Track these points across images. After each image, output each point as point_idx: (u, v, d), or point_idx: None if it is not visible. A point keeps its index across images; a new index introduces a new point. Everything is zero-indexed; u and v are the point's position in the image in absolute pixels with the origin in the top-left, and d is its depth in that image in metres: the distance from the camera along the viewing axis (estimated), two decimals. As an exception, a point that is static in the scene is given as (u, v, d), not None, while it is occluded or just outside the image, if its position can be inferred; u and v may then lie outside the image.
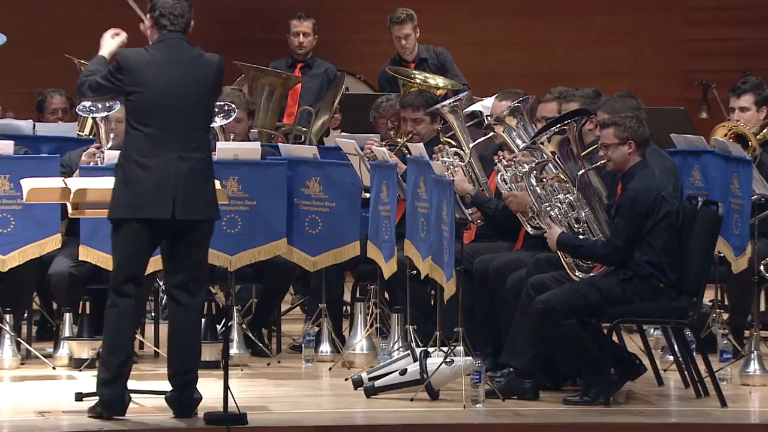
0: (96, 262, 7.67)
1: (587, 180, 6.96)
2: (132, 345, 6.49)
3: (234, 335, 7.88)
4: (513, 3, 12.36)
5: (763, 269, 7.62)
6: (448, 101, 8.11)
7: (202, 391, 6.56)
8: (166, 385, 6.52)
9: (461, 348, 6.96)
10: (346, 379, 7.35)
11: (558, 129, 6.91)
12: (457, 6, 12.21)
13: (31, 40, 11.10)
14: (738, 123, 8.01)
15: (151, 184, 6.34)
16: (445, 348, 7.03)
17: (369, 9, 11.36)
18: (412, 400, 6.90)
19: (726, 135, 7.96)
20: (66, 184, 7.00)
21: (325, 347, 8.09)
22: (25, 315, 8.15)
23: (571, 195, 6.95)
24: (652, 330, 8.12)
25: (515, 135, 7.46)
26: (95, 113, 7.95)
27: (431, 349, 7.11)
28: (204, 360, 7.66)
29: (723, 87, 9.69)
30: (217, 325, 7.87)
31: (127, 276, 6.41)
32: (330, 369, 7.86)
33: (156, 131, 6.37)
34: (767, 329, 8.26)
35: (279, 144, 8.75)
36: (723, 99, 9.15)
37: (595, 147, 7.04)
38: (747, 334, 8.00)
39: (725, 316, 8.24)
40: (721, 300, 8.60)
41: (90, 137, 8.51)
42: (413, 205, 7.59)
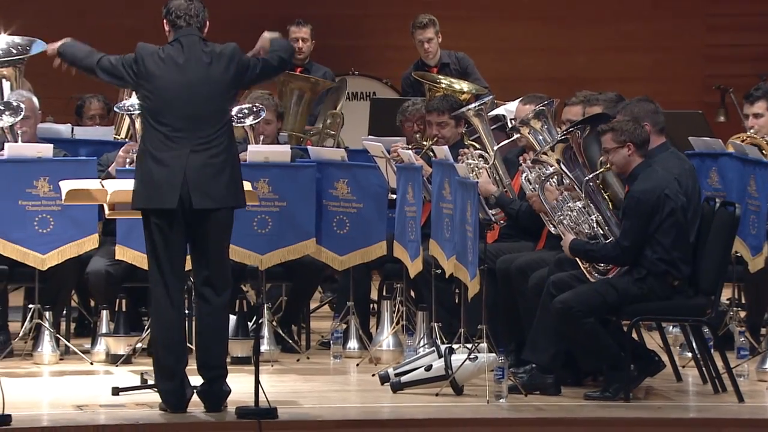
0: (132, 261, 7.70)
1: (595, 185, 6.96)
2: (181, 340, 6.44)
3: (265, 332, 7.89)
4: (536, 10, 12.34)
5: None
6: (473, 105, 8.10)
7: (233, 386, 6.57)
8: (197, 380, 6.53)
9: (485, 345, 6.95)
10: (373, 375, 7.36)
11: (562, 137, 6.94)
12: (482, 13, 12.21)
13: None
14: (752, 134, 8.00)
15: (162, 176, 6.33)
16: (469, 345, 7.02)
17: (396, 16, 11.36)
18: (437, 395, 6.90)
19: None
20: (103, 185, 7.04)
21: (353, 344, 8.10)
22: (64, 312, 8.19)
23: (581, 202, 6.96)
24: (670, 327, 8.10)
25: (540, 138, 7.46)
26: (132, 111, 7.98)
27: (456, 346, 7.11)
28: (235, 356, 7.74)
29: (741, 92, 9.66)
30: (249, 323, 7.88)
31: (161, 270, 6.39)
32: (357, 365, 7.86)
33: (170, 127, 6.37)
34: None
35: (308, 147, 8.76)
36: (740, 103, 9.11)
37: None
38: (763, 331, 7.99)
39: (742, 314, 8.22)
40: (738, 298, 8.56)
41: (126, 140, 8.55)
42: (438, 206, 7.59)
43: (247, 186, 6.93)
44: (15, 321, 8.25)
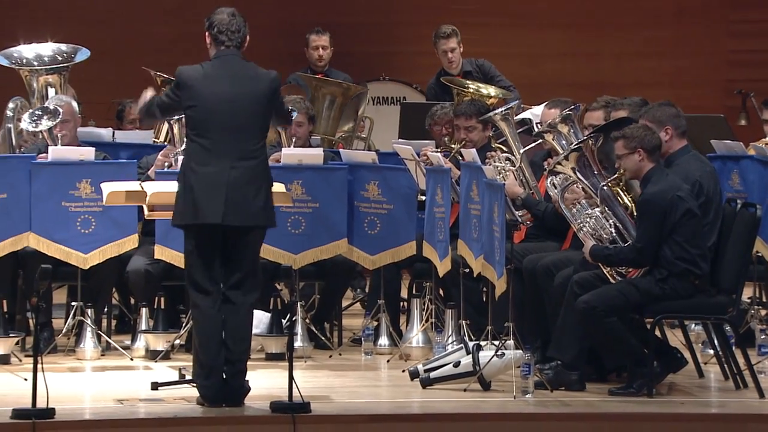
0: (170, 260, 7.72)
1: (610, 192, 6.93)
2: (219, 340, 6.46)
3: (298, 329, 7.90)
4: (562, 17, 12.31)
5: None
6: (500, 109, 8.08)
7: (268, 382, 6.59)
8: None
9: (511, 342, 6.94)
10: (403, 371, 7.35)
11: (575, 146, 6.92)
12: (509, 20, 12.18)
13: (112, 54, 11.21)
14: None
15: (204, 191, 6.38)
16: (497, 342, 7.01)
17: (425, 24, 11.35)
18: (465, 390, 6.89)
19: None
20: (142, 187, 7.06)
21: (384, 341, 8.09)
22: (105, 310, 8.22)
23: (599, 208, 6.94)
24: (693, 325, 8.05)
25: (564, 143, 7.44)
26: (170, 119, 8.00)
27: (483, 343, 7.10)
28: (270, 352, 7.76)
29: (762, 96, 9.61)
30: (283, 320, 7.89)
31: (200, 276, 6.45)
32: (388, 361, 7.86)
33: (211, 142, 6.41)
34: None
35: (340, 150, 8.77)
36: (761, 107, 9.06)
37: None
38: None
39: (763, 312, 8.18)
40: (759, 297, 8.52)
41: (165, 144, 8.58)
42: (466, 207, 7.57)
43: (281, 188, 6.95)
44: (58, 318, 8.29)
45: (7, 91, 9.02)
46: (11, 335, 7.62)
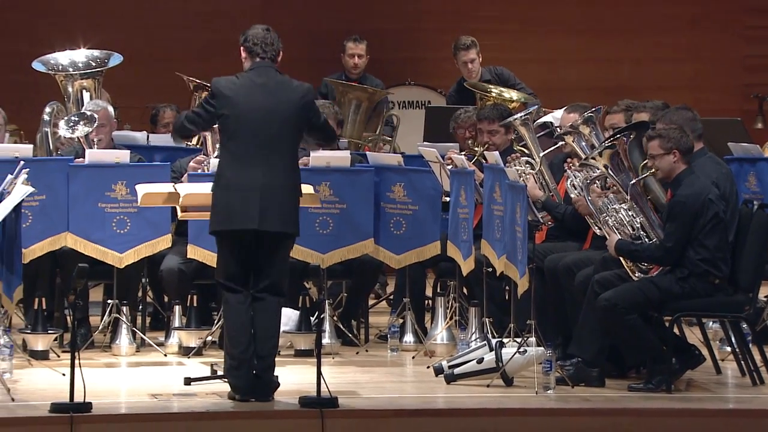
0: (202, 259, 7.74)
1: (640, 189, 6.92)
2: (248, 334, 6.49)
3: (326, 326, 7.91)
4: (582, 23, 12.28)
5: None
6: (519, 114, 8.08)
7: (297, 378, 6.61)
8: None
9: (533, 339, 6.93)
10: (427, 367, 7.35)
11: (609, 143, 6.91)
12: (529, 27, 12.17)
13: (146, 59, 11.24)
14: None
15: (239, 198, 6.40)
16: (519, 339, 7.00)
17: (449, 31, 11.36)
18: (488, 386, 6.89)
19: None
20: (176, 189, 7.08)
21: (409, 338, 8.10)
22: (140, 307, 8.25)
23: (626, 204, 6.92)
24: (710, 323, 8.02)
25: (585, 144, 7.43)
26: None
27: (506, 340, 7.09)
28: (299, 349, 7.77)
29: (778, 100, 9.59)
30: (311, 317, 7.90)
31: (232, 276, 6.49)
32: (413, 357, 7.86)
33: (244, 150, 6.44)
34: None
35: (366, 152, 8.77)
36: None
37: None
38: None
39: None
40: (776, 296, 8.48)
41: (197, 147, 8.61)
42: (489, 208, 7.57)
43: (310, 189, 6.97)
44: (95, 315, 8.32)
45: (44, 96, 9.08)
46: (50, 332, 7.66)
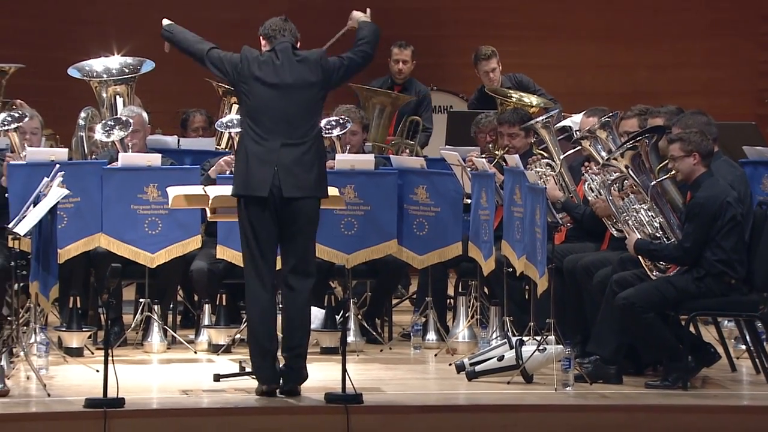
0: (231, 259, 7.76)
1: (659, 190, 6.90)
2: (271, 321, 6.49)
3: (351, 325, 7.91)
4: (600, 30, 12.25)
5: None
6: (540, 118, 8.07)
7: (323, 374, 6.60)
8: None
9: (553, 337, 6.91)
10: (449, 365, 7.34)
11: (632, 144, 6.89)
12: (548, 33, 12.15)
13: (177, 66, 11.27)
14: None
15: (256, 168, 6.41)
16: (538, 337, 6.99)
17: (471, 37, 11.36)
18: (508, 383, 6.88)
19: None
20: (205, 191, 7.10)
21: (431, 336, 8.09)
22: (171, 306, 8.28)
23: (646, 204, 6.90)
24: (725, 322, 7.99)
25: (601, 148, 7.41)
26: (231, 128, 8.08)
27: (526, 338, 7.07)
28: (324, 346, 7.77)
29: (792, 105, 9.55)
30: (336, 316, 7.91)
31: (255, 256, 6.42)
32: (435, 355, 7.85)
33: (262, 125, 6.45)
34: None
35: (390, 156, 8.78)
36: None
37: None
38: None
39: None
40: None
41: (227, 150, 8.63)
42: (510, 210, 7.56)
43: (335, 191, 6.97)
44: (128, 314, 8.35)
45: (79, 102, 9.12)
46: (84, 329, 7.69)
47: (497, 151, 8.27)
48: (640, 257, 6.88)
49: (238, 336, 7.85)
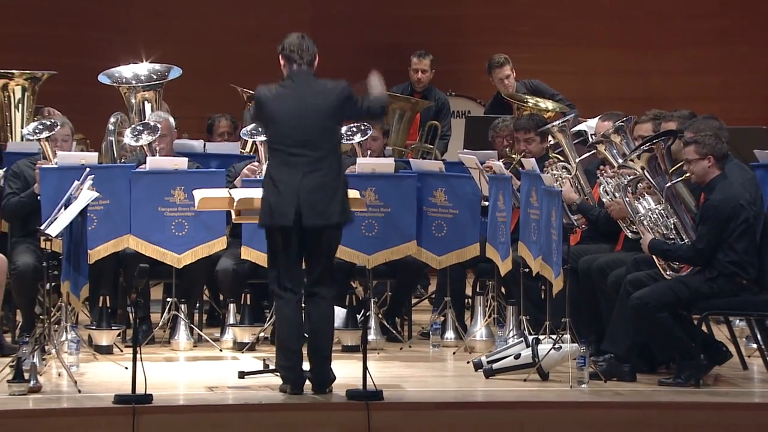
0: (255, 260, 7.77)
1: (674, 192, 6.87)
2: (297, 326, 6.51)
3: (371, 323, 7.91)
4: (614, 36, 12.23)
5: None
6: (557, 122, 8.05)
7: (344, 372, 6.60)
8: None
9: (568, 336, 6.90)
10: (467, 362, 7.34)
11: (648, 147, 6.87)
12: (563, 40, 12.14)
13: (203, 72, 11.32)
14: None
15: (280, 197, 6.44)
16: (554, 336, 6.98)
17: (488, 44, 11.36)
18: (525, 380, 6.87)
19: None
20: (231, 194, 7.11)
21: (450, 334, 8.09)
22: (197, 305, 8.29)
23: (661, 206, 6.88)
24: (737, 321, 7.95)
25: (615, 151, 7.40)
26: (255, 136, 8.11)
27: (542, 337, 7.07)
28: (346, 344, 7.78)
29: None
30: (357, 315, 7.91)
31: (281, 275, 6.50)
32: (454, 353, 7.85)
33: (285, 154, 6.47)
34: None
35: (410, 159, 8.78)
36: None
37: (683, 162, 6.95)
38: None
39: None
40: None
41: (251, 154, 8.64)
42: (526, 212, 7.55)
43: (356, 194, 6.97)
44: (155, 312, 8.38)
45: (109, 107, 9.16)
46: (113, 328, 7.71)
47: (514, 155, 8.25)
48: (654, 257, 6.86)
49: (262, 334, 7.87)
